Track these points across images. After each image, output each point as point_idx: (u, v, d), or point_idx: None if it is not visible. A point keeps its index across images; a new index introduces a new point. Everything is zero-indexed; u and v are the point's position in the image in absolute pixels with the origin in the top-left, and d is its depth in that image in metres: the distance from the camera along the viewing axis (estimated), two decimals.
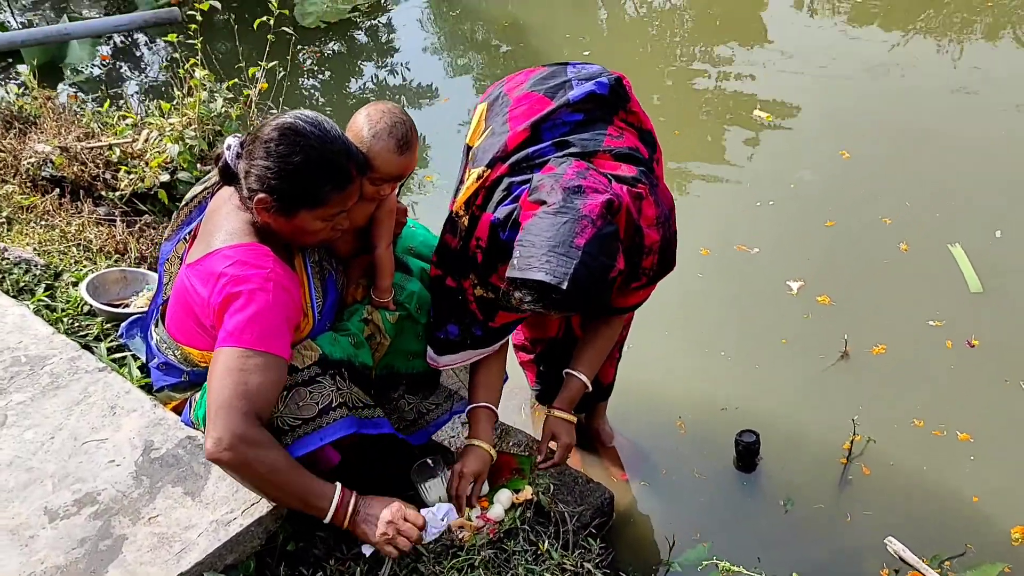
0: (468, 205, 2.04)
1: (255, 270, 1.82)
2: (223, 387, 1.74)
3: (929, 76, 5.23)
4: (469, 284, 2.10)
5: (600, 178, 1.86)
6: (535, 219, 1.78)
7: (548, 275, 1.70)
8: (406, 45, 6.41)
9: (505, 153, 2.02)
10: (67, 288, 2.75)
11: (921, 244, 3.75)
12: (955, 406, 3.04)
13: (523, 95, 2.12)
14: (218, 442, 1.70)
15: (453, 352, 2.24)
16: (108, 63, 6.46)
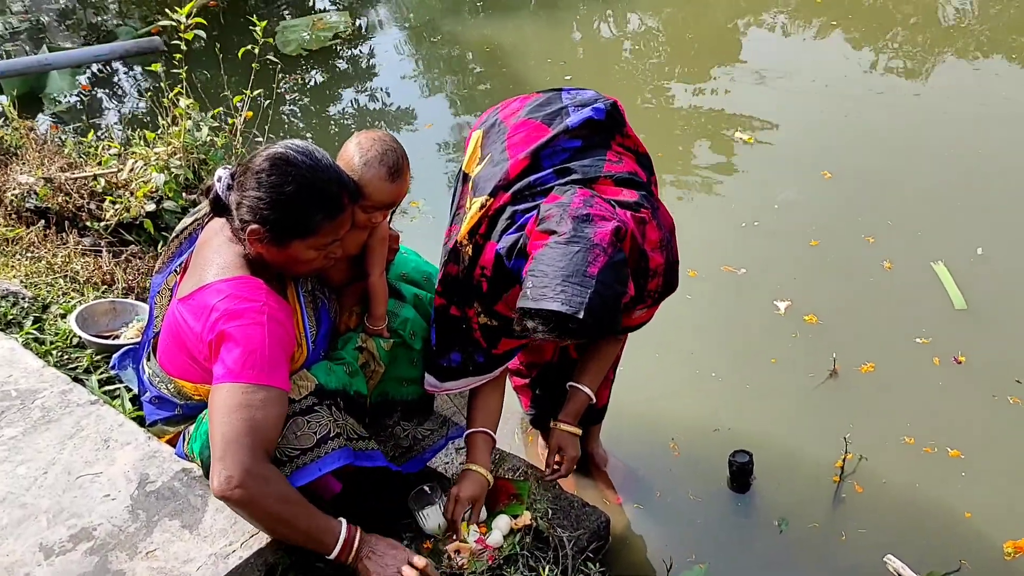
0: (472, 234, 2.05)
1: (249, 303, 1.81)
2: (230, 424, 1.72)
3: (907, 96, 5.32)
4: (473, 313, 2.11)
5: (605, 205, 1.88)
6: (546, 249, 1.79)
7: (564, 305, 1.72)
8: (388, 72, 6.44)
9: (507, 181, 2.03)
10: (55, 320, 2.73)
11: (905, 262, 3.79)
12: (944, 422, 3.06)
13: (520, 122, 2.13)
14: (228, 480, 1.69)
15: (455, 379, 2.24)
16: (88, 93, 6.43)
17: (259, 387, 1.76)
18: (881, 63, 5.78)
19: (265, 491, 1.73)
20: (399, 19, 7.39)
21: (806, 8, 6.69)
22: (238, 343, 1.77)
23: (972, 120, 4.92)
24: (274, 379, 1.79)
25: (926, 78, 5.59)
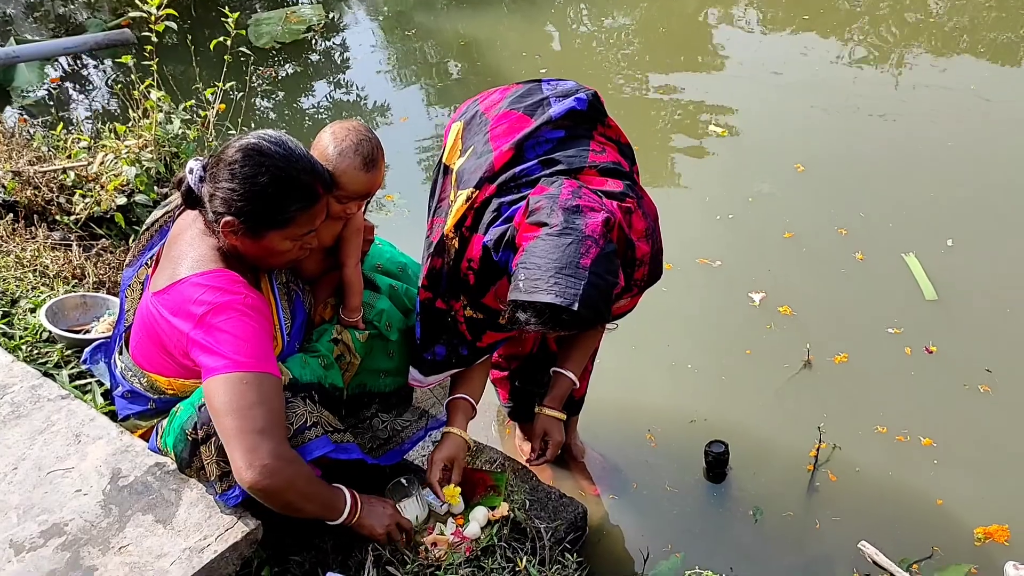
0: (458, 227, 2.03)
1: (231, 296, 1.80)
2: (253, 415, 1.72)
3: (878, 89, 5.36)
4: (460, 306, 2.11)
5: (593, 196, 1.88)
6: (538, 241, 1.79)
7: (558, 297, 1.72)
8: (361, 65, 6.40)
9: (492, 173, 2.01)
10: (25, 315, 2.69)
11: (876, 254, 3.82)
12: (917, 411, 3.10)
13: (502, 114, 2.12)
14: (264, 469, 1.71)
15: (439, 372, 2.25)
16: (58, 86, 6.34)
17: (267, 376, 1.77)
18: (852, 56, 5.83)
19: (298, 472, 1.79)
20: (373, 12, 7.34)
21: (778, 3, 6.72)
22: (232, 334, 1.76)
23: (943, 113, 4.97)
24: (272, 367, 1.81)
25: (898, 72, 5.64)
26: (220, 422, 1.74)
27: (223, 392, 1.73)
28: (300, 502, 1.84)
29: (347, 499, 1.95)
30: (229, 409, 1.72)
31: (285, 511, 1.85)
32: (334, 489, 1.95)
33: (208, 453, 1.84)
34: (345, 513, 1.93)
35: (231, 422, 1.72)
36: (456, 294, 2.11)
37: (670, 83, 5.62)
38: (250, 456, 1.71)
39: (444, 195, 2.21)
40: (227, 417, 1.72)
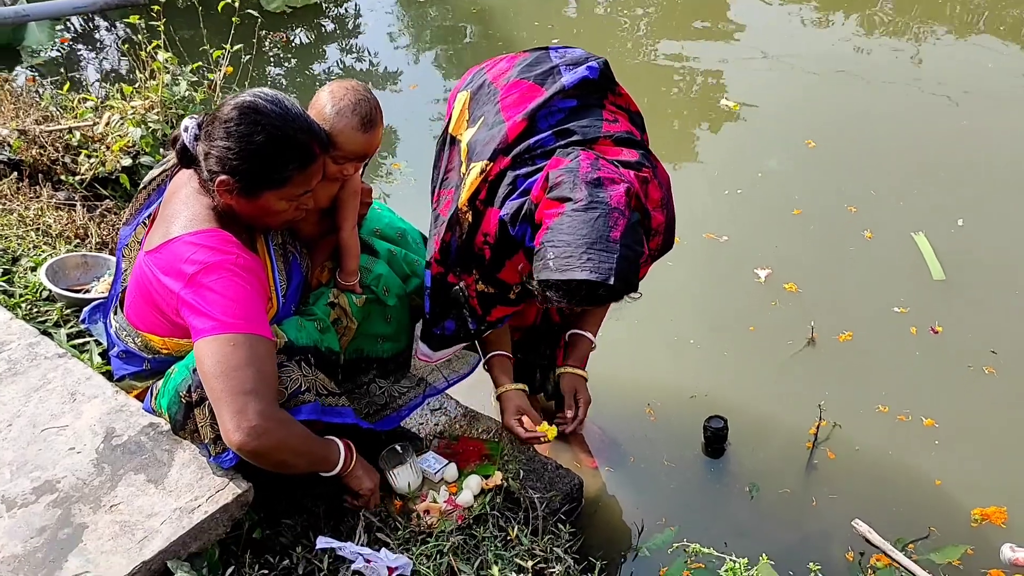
0: (471, 201, 2.02)
1: (223, 256, 1.79)
2: (242, 377, 1.71)
3: (894, 66, 5.28)
4: (472, 280, 2.11)
5: (610, 167, 1.87)
6: (564, 217, 1.78)
7: (593, 273, 1.73)
8: (373, 31, 6.34)
9: (506, 145, 1.99)
10: (25, 273, 2.69)
11: (885, 232, 3.78)
12: (920, 392, 3.07)
13: (512, 83, 2.09)
14: (251, 431, 1.70)
15: (447, 346, 2.28)
16: (68, 46, 6.31)
17: (257, 337, 1.76)
18: (872, 32, 5.74)
19: (289, 432, 1.79)
20: None
21: None
22: (221, 295, 1.75)
23: (959, 93, 4.90)
24: (264, 329, 1.79)
25: (917, 51, 5.55)
26: (209, 384, 1.73)
27: (212, 354, 1.72)
28: (293, 460, 1.84)
29: (341, 450, 1.97)
30: (217, 371, 1.71)
31: (278, 470, 1.86)
32: (327, 442, 1.96)
33: (202, 415, 1.83)
34: (340, 464, 1.96)
35: (219, 384, 1.71)
36: (469, 268, 2.11)
37: (684, 54, 5.56)
38: (238, 418, 1.70)
39: (451, 166, 2.19)
40: (215, 379, 1.71)
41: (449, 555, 2.00)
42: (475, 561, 2.00)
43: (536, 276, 1.83)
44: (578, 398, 2.52)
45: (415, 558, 1.96)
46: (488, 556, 2.02)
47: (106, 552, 1.72)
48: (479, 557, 2.03)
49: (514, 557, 2.04)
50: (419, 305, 2.32)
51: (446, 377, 2.49)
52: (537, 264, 1.82)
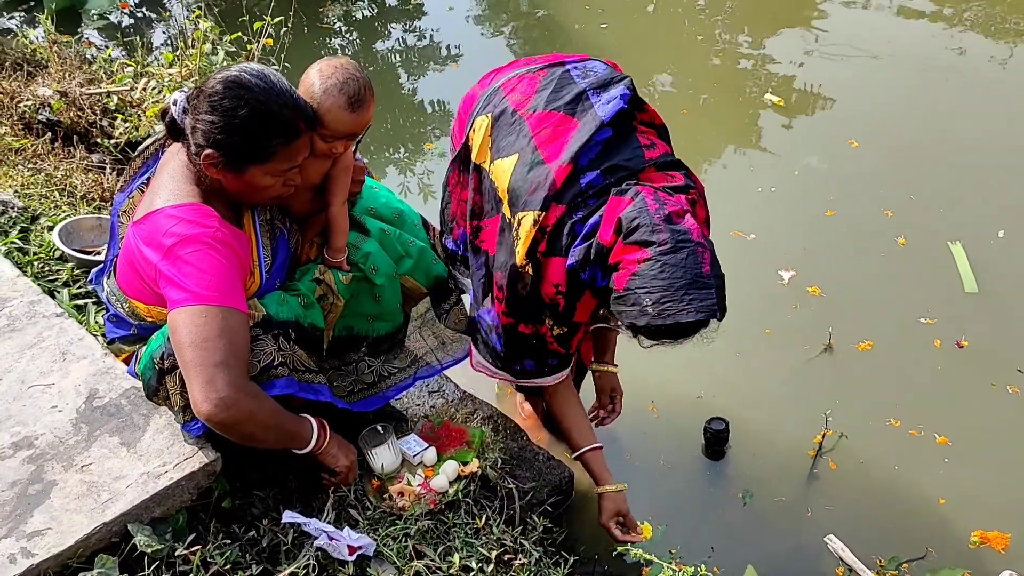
0: (531, 254, 2.03)
1: (201, 229, 1.79)
2: (212, 348, 1.72)
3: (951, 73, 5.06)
4: (546, 328, 2.15)
5: (667, 196, 1.89)
6: (654, 263, 1.79)
7: (699, 313, 1.78)
8: (430, 4, 6.35)
9: (556, 191, 1.98)
10: (42, 232, 2.75)
11: (920, 239, 3.65)
12: (936, 407, 2.97)
13: (541, 115, 2.07)
14: (219, 402, 1.71)
15: (529, 379, 2.32)
16: (128, 11, 6.44)
17: (230, 310, 1.76)
18: (943, 39, 5.48)
19: (258, 406, 1.79)
20: None
21: None
22: (196, 267, 1.76)
23: (1010, 104, 4.68)
24: (238, 302, 1.80)
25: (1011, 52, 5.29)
26: (181, 354, 1.74)
27: (184, 324, 1.73)
28: (261, 433, 1.84)
29: (313, 428, 1.96)
30: (189, 342, 1.72)
31: (247, 443, 1.86)
32: (300, 419, 1.95)
33: (173, 383, 1.85)
34: (313, 442, 1.95)
35: (190, 354, 1.72)
36: (541, 318, 2.14)
37: (734, 44, 5.44)
38: (207, 389, 1.71)
39: (480, 197, 2.22)
40: (187, 349, 1.73)
41: (416, 538, 1.99)
42: (440, 547, 1.99)
43: (630, 320, 1.85)
44: (614, 394, 2.58)
45: (380, 539, 1.97)
46: (455, 543, 2.02)
47: (70, 511, 1.75)
48: (447, 543, 2.02)
49: (481, 547, 2.02)
50: (414, 287, 2.31)
51: (440, 360, 2.48)
52: (630, 310, 1.84)
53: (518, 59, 2.33)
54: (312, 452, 1.98)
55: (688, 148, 4.34)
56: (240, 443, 1.85)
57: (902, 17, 5.74)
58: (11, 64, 4.16)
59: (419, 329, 2.44)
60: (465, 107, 2.36)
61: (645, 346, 1.90)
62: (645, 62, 5.27)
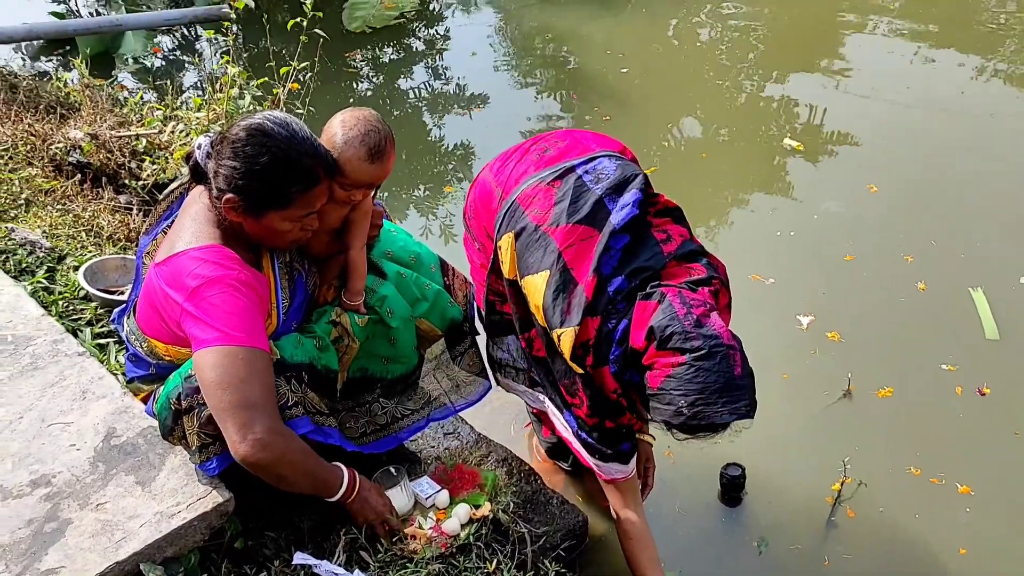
0: (580, 363, 2.10)
1: (224, 271, 1.83)
2: (247, 389, 1.76)
3: (977, 115, 5.07)
4: (627, 419, 2.24)
5: (691, 294, 1.96)
6: (688, 368, 1.86)
7: (733, 415, 1.85)
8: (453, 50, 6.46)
9: (589, 305, 2.05)
10: (68, 272, 2.81)
11: (941, 285, 3.63)
12: (958, 455, 2.93)
13: (564, 229, 2.11)
14: (257, 443, 1.74)
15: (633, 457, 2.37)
16: (161, 56, 6.61)
17: (258, 351, 1.80)
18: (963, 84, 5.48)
19: (292, 447, 1.82)
20: (466, 3, 7.38)
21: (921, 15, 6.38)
22: (223, 308, 1.79)
23: None
24: (263, 343, 1.83)
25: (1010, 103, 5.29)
26: (212, 395, 1.77)
27: (214, 364, 1.76)
28: (294, 476, 1.86)
29: (344, 478, 1.97)
30: (221, 382, 1.75)
31: (280, 485, 1.88)
32: (333, 467, 1.97)
33: (190, 424, 1.88)
34: (340, 492, 1.96)
35: (224, 396, 1.75)
36: (621, 412, 2.22)
37: (754, 89, 5.48)
38: (244, 430, 1.74)
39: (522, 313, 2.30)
40: (219, 390, 1.75)
41: None
42: None
43: (664, 418, 1.91)
44: (648, 464, 2.60)
45: None
46: None
47: (84, 549, 1.77)
48: None
49: None
50: (429, 329, 2.33)
51: (453, 402, 2.49)
52: (665, 408, 1.90)
53: (527, 145, 2.37)
54: (339, 501, 1.98)
55: (707, 191, 4.38)
56: (272, 485, 1.87)
57: (924, 64, 5.75)
58: (45, 107, 4.28)
59: (434, 371, 2.45)
60: (483, 201, 2.38)
61: (679, 439, 1.95)
62: (665, 106, 5.32)
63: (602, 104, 5.35)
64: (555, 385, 2.32)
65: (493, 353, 2.52)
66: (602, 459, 2.33)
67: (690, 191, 4.23)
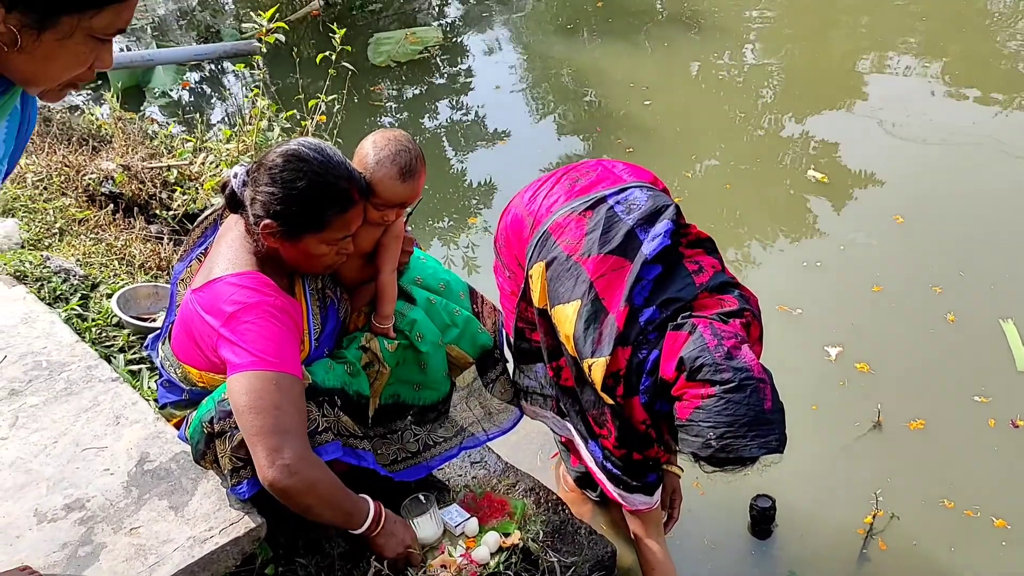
0: (611, 394, 2.09)
1: (261, 297, 1.86)
2: (281, 414, 1.77)
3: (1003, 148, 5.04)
4: (654, 452, 2.23)
5: (725, 328, 1.94)
6: (719, 401, 1.85)
7: (763, 449, 1.84)
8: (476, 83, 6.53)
9: (620, 335, 2.05)
10: (101, 299, 2.84)
11: (970, 316, 3.60)
12: (993, 489, 2.89)
13: (596, 260, 2.11)
14: (286, 469, 1.75)
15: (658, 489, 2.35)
16: (189, 89, 6.73)
17: (292, 377, 1.82)
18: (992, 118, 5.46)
19: (320, 475, 1.83)
20: (489, 38, 7.46)
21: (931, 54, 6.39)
22: (259, 334, 1.81)
23: None
24: (297, 369, 1.86)
25: None
26: (243, 418, 1.78)
27: (248, 389, 1.77)
28: (320, 507, 1.86)
29: (370, 512, 1.95)
30: (254, 406, 1.76)
31: (305, 514, 1.88)
32: (359, 499, 1.95)
33: (222, 447, 1.89)
34: (364, 526, 1.94)
35: (256, 420, 1.76)
36: (649, 445, 2.20)
37: (784, 124, 5.48)
38: (273, 455, 1.76)
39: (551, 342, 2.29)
40: (251, 414, 1.77)
41: None
42: None
43: (692, 450, 1.90)
44: (674, 496, 2.57)
45: None
46: None
47: (118, 574, 1.78)
48: None
49: None
50: (459, 356, 2.34)
51: (486, 430, 2.49)
52: (694, 440, 1.89)
53: (557, 174, 2.38)
54: (364, 535, 1.97)
55: (732, 222, 4.38)
56: (299, 514, 1.87)
57: (944, 98, 5.74)
58: (78, 139, 4.36)
59: (466, 399, 2.45)
60: (514, 231, 2.39)
61: (707, 471, 1.94)
62: (687, 138, 5.34)
63: (625, 136, 5.38)
64: (582, 415, 2.31)
65: (519, 380, 2.52)
66: (627, 490, 2.31)
67: (715, 222, 4.23)
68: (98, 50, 1.25)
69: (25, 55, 1.17)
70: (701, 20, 7.02)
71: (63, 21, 1.17)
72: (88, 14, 1.18)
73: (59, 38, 1.18)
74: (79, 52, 1.21)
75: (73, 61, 1.22)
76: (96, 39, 1.22)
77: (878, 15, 6.96)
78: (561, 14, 7.66)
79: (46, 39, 1.17)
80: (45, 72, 1.22)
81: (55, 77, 1.24)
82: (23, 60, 1.18)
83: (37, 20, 1.15)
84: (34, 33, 1.16)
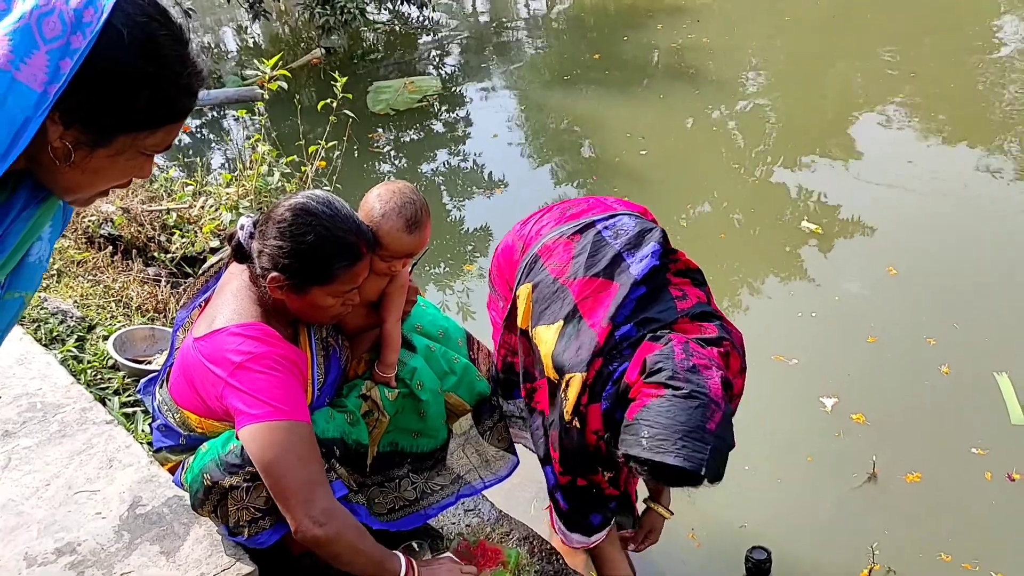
0: (575, 410, 2.07)
1: (268, 347, 1.85)
2: (308, 466, 1.78)
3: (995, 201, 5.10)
4: (600, 477, 2.18)
5: (700, 350, 1.92)
6: (664, 401, 1.82)
7: (685, 461, 1.75)
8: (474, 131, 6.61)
9: (599, 349, 2.04)
10: (97, 341, 2.84)
11: (964, 369, 3.61)
12: (990, 542, 2.87)
13: (581, 282, 2.13)
14: (315, 520, 1.76)
15: (600, 532, 2.31)
16: (190, 133, 6.79)
17: (308, 426, 1.83)
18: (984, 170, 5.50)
19: (347, 523, 1.84)
20: (488, 88, 7.57)
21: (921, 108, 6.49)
22: (271, 383, 1.81)
23: None
24: (308, 417, 1.87)
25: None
26: (273, 471, 1.77)
27: (269, 442, 1.77)
28: (349, 555, 1.85)
29: (402, 563, 1.94)
30: (279, 460, 1.76)
31: (335, 563, 1.87)
32: (390, 553, 1.94)
33: (235, 501, 1.86)
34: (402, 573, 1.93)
35: (288, 472, 1.76)
36: (593, 468, 2.17)
37: (777, 175, 5.55)
38: (307, 506, 1.76)
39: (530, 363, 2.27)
40: (283, 467, 1.76)
41: None
42: None
43: (625, 448, 1.87)
44: (649, 535, 2.54)
45: None
46: None
47: None
48: None
49: None
50: (457, 403, 2.34)
51: (483, 478, 2.47)
52: (628, 438, 1.86)
53: (551, 206, 2.41)
54: None
55: (725, 271, 4.41)
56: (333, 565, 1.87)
57: (937, 149, 5.82)
58: None
59: (462, 447, 2.44)
60: (506, 257, 2.42)
61: (642, 476, 1.90)
62: (682, 187, 5.40)
63: (621, 184, 5.44)
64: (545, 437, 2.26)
65: (503, 406, 2.50)
66: (567, 525, 2.28)
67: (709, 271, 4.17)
68: (141, 163, 1.24)
69: (76, 170, 1.16)
70: (699, 75, 7.14)
71: (118, 139, 1.17)
72: (144, 134, 1.18)
73: (111, 155, 1.17)
74: (126, 167, 1.22)
75: (119, 175, 1.23)
76: (144, 155, 1.22)
77: (870, 73, 7.09)
78: (559, 66, 7.80)
79: (98, 155, 1.16)
80: (91, 184, 1.22)
81: (97, 188, 1.24)
82: (72, 173, 1.17)
83: (93, 139, 1.14)
84: (87, 150, 1.15)
